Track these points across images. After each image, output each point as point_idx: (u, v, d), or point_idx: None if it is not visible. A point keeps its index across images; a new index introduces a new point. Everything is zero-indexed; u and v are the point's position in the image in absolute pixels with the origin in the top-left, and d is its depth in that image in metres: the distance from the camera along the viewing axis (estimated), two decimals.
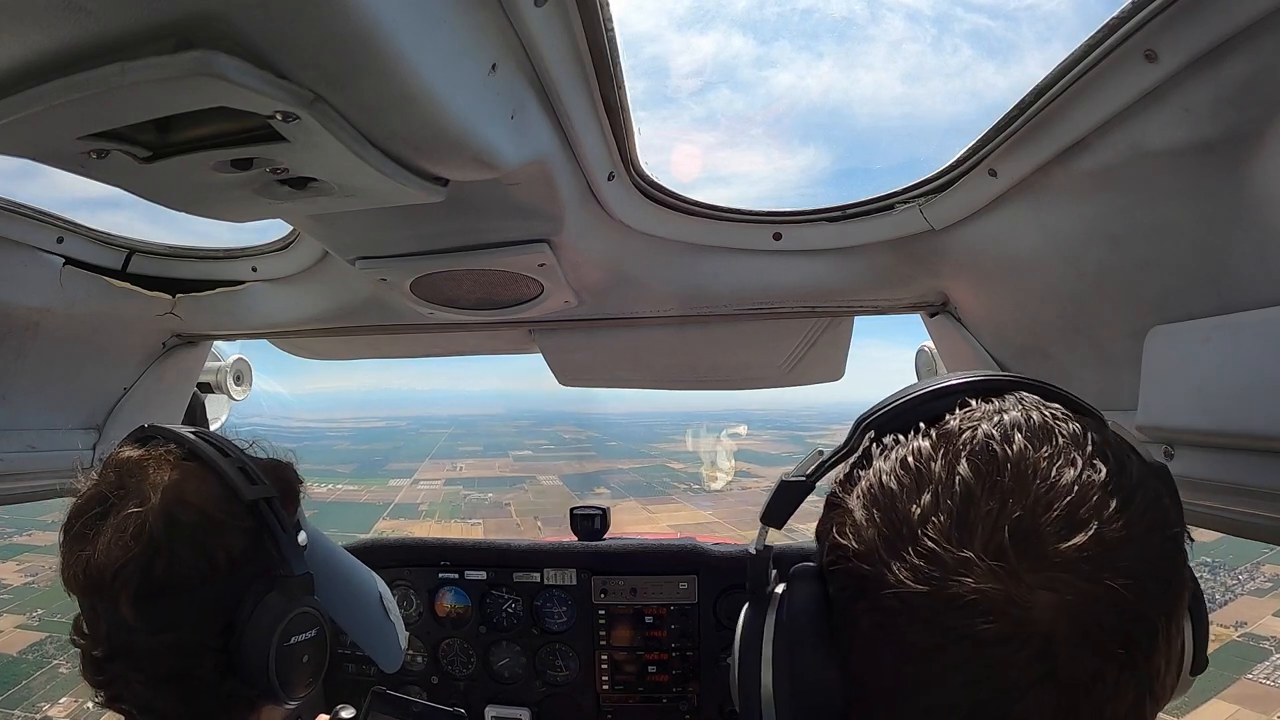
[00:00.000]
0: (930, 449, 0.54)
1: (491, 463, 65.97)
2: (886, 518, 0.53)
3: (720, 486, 46.26)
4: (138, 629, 0.84)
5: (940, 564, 0.49)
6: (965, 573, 0.48)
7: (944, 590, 0.48)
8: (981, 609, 0.47)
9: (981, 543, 0.49)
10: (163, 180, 0.91)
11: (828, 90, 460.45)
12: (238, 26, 0.65)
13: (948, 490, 0.51)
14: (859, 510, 0.55)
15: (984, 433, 0.53)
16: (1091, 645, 0.47)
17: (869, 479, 0.56)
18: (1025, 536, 0.48)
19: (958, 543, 0.49)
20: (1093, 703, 0.48)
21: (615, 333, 1.87)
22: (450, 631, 2.34)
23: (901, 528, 0.51)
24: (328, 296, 1.70)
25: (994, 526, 0.49)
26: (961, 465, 0.51)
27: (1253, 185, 0.84)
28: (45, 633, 21.50)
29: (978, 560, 0.48)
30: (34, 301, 1.53)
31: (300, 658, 0.91)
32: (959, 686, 0.49)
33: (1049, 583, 0.47)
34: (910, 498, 0.52)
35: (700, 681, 2.23)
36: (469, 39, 0.81)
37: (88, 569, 0.84)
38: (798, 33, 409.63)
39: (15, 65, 0.67)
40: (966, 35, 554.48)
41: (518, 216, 1.24)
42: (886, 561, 0.51)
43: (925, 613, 0.49)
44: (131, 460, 0.91)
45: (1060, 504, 0.49)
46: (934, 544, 0.49)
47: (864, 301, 1.61)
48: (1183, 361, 0.98)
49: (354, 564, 1.18)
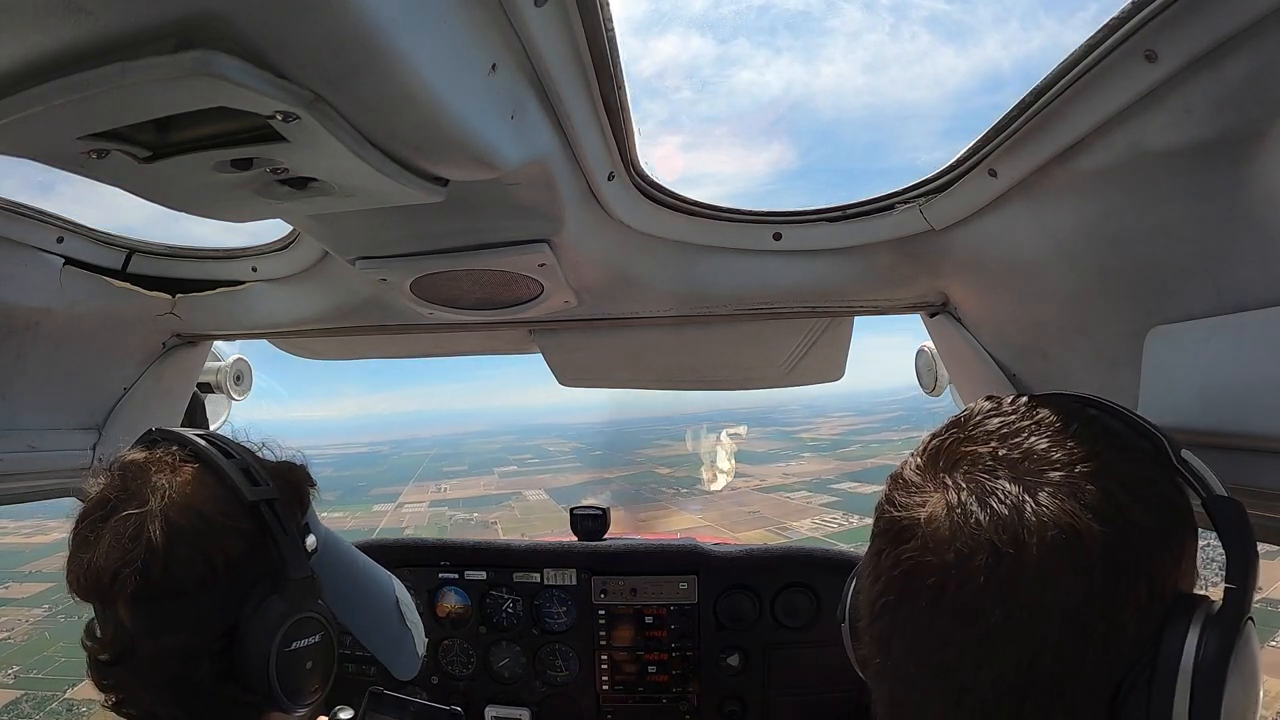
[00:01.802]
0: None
1: (476, 481, 64.92)
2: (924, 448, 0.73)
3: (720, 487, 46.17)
4: (137, 633, 0.83)
5: (910, 467, 0.71)
6: (908, 469, 0.70)
7: (898, 479, 0.70)
8: (908, 489, 0.67)
9: (927, 453, 0.70)
10: (163, 180, 0.91)
11: (789, 85, 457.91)
12: (238, 26, 0.65)
13: (934, 432, 0.73)
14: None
15: (976, 404, 0.73)
16: (955, 542, 0.60)
17: None
18: (949, 447, 0.68)
19: (918, 454, 0.71)
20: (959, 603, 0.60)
21: (615, 333, 1.87)
22: (450, 631, 2.34)
23: (909, 457, 0.73)
24: (328, 296, 1.70)
25: (934, 444, 0.70)
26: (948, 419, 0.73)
27: (1253, 185, 0.84)
28: (20, 690, 20.15)
29: (919, 462, 0.70)
30: (34, 301, 1.53)
31: (303, 664, 0.89)
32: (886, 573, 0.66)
33: (946, 482, 0.64)
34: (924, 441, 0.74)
35: (700, 681, 2.23)
36: (469, 39, 0.81)
37: (88, 572, 0.84)
38: (755, 29, 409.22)
39: (15, 65, 0.67)
40: (924, 21, 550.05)
41: (518, 216, 1.24)
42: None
43: (886, 494, 0.70)
44: (136, 463, 0.91)
45: (980, 431, 0.67)
46: (913, 456, 0.72)
47: (864, 301, 1.61)
48: (1183, 361, 0.98)
49: (370, 568, 1.16)
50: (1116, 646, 0.58)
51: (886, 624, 0.66)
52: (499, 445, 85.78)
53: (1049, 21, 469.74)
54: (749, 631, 2.19)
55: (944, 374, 1.91)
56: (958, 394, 1.87)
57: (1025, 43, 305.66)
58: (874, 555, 0.69)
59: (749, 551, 2.24)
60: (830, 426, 67.49)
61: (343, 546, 1.13)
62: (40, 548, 27.33)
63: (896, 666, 0.66)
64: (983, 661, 0.58)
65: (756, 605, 2.19)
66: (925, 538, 0.62)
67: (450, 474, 68.54)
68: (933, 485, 0.65)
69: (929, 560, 0.61)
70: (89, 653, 0.88)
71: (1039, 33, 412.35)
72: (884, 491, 0.71)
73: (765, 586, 2.20)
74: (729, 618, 2.19)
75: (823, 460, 54.92)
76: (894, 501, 0.67)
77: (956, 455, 0.66)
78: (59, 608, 22.93)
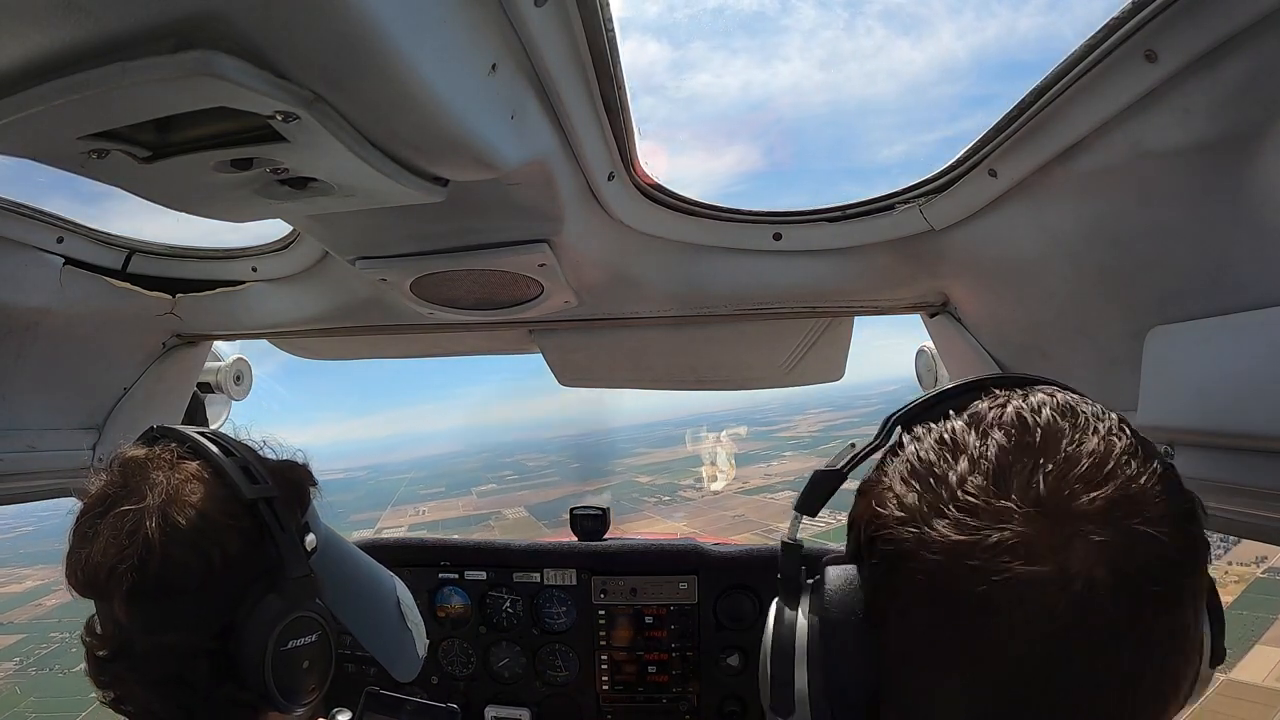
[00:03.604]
0: (964, 426, 0.57)
1: (455, 502, 62.59)
2: (925, 483, 0.55)
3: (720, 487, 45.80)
4: (133, 629, 0.83)
5: (979, 514, 0.51)
6: (1005, 520, 0.50)
7: (985, 540, 0.50)
8: (1022, 553, 0.49)
9: (1019, 494, 0.51)
10: (163, 180, 0.91)
11: (747, 86, 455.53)
12: (238, 26, 0.65)
13: (983, 455, 0.54)
14: (898, 483, 0.57)
15: (1014, 408, 0.56)
16: (1129, 587, 0.49)
17: (905, 458, 0.59)
18: (1057, 488, 0.51)
19: (995, 495, 0.52)
20: (1130, 645, 0.50)
21: (615, 333, 1.87)
22: (450, 631, 2.34)
23: (941, 489, 0.54)
24: (328, 296, 1.70)
25: (1028, 481, 0.52)
26: (995, 434, 0.55)
27: (1253, 185, 0.84)
28: None
29: (1016, 508, 0.51)
30: (34, 301, 1.53)
31: (300, 663, 0.89)
32: (1005, 632, 0.50)
33: (1083, 531, 0.49)
34: (948, 464, 0.55)
35: (700, 682, 2.23)
36: (469, 39, 0.81)
37: (86, 567, 0.84)
38: (711, 32, 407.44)
39: (15, 65, 0.67)
40: (878, 16, 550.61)
41: (518, 216, 1.24)
42: (928, 520, 0.53)
43: (969, 562, 0.50)
44: (136, 460, 0.91)
45: (1087, 461, 0.52)
46: (973, 498, 0.52)
47: (864, 302, 1.61)
48: (1183, 361, 0.98)
49: (372, 568, 1.15)
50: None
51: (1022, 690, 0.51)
52: (477, 464, 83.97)
53: (1002, 10, 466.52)
54: (749, 631, 2.19)
55: (944, 374, 1.91)
56: None
57: (980, 32, 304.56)
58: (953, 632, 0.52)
59: (749, 551, 2.24)
60: (809, 424, 66.38)
61: (345, 547, 1.12)
62: (10, 598, 26.28)
63: None
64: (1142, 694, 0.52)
65: (756, 605, 2.18)
66: (1077, 591, 0.49)
67: (428, 496, 65.90)
68: (1058, 535, 0.50)
69: (1089, 618, 0.49)
70: (88, 648, 0.88)
71: (993, 21, 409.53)
72: (926, 551, 0.53)
73: (765, 586, 2.19)
74: (729, 618, 2.19)
75: (804, 458, 54.04)
76: (998, 566, 0.50)
77: (1061, 493, 0.51)
78: (30, 660, 21.82)
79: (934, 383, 1.95)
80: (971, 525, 0.51)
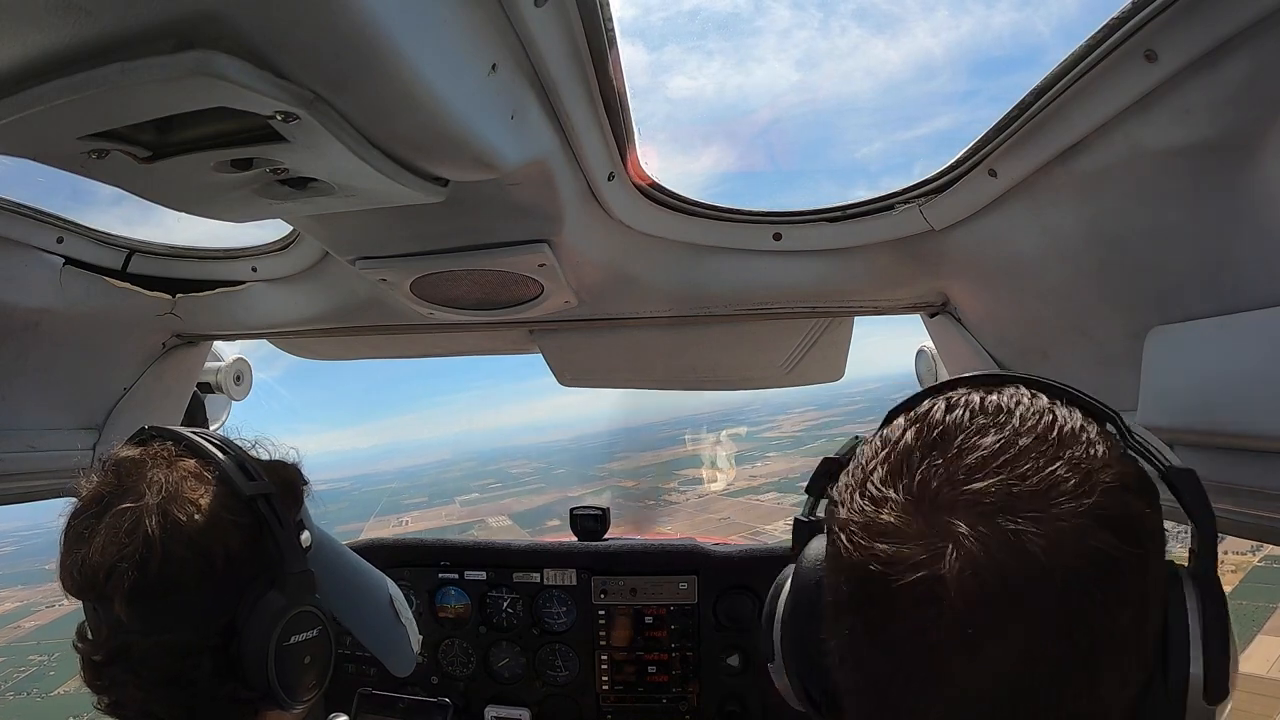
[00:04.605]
0: (904, 424, 0.63)
1: (439, 511, 61.61)
2: (855, 471, 0.63)
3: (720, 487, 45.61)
4: (133, 630, 0.82)
5: (872, 500, 0.58)
6: (887, 507, 0.57)
7: (873, 522, 0.57)
8: (894, 538, 0.56)
9: (904, 485, 0.58)
10: (163, 180, 0.91)
11: (722, 88, 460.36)
12: (237, 26, 0.65)
13: (895, 449, 0.60)
14: (850, 470, 0.65)
15: (940, 405, 0.62)
16: (995, 584, 0.52)
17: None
18: (940, 481, 0.56)
19: (888, 485, 0.59)
20: (995, 644, 0.52)
21: (616, 333, 1.87)
22: (450, 631, 2.34)
23: (859, 476, 0.62)
24: (328, 296, 1.70)
25: (917, 475, 0.57)
26: (910, 431, 0.61)
27: (1253, 186, 0.84)
28: None
29: (899, 497, 0.57)
30: (34, 301, 1.53)
31: (301, 658, 0.89)
32: (883, 613, 0.56)
33: (952, 523, 0.54)
34: (874, 455, 0.62)
35: (700, 682, 2.23)
36: (469, 39, 0.81)
37: (82, 568, 0.83)
38: (685, 34, 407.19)
39: (15, 65, 0.67)
40: (852, 14, 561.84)
41: (518, 216, 1.24)
42: (845, 502, 0.61)
43: (859, 541, 0.57)
44: (130, 459, 0.90)
45: (975, 455, 0.56)
46: (874, 488, 0.59)
47: (864, 302, 1.61)
48: (1183, 361, 0.98)
49: (362, 566, 1.16)
50: (1148, 644, 0.57)
51: (911, 696, 0.56)
52: (460, 472, 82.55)
53: (976, 7, 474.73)
54: (749, 632, 2.19)
55: (944, 374, 1.91)
56: None
57: (955, 29, 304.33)
58: (867, 624, 0.58)
59: (749, 551, 2.24)
60: (792, 423, 65.66)
61: (337, 545, 1.13)
62: None
63: None
64: (1037, 716, 0.54)
65: (756, 605, 2.18)
66: (950, 602, 0.52)
67: (411, 506, 65.43)
68: (933, 532, 0.54)
69: (961, 626, 0.52)
70: (81, 654, 0.86)
71: (967, 18, 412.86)
72: (839, 529, 0.60)
73: (765, 586, 2.18)
74: (729, 618, 2.19)
75: (788, 459, 53.52)
76: (879, 555, 0.55)
77: (955, 496, 0.55)
78: (7, 684, 20.43)
79: (934, 383, 1.95)
80: (863, 508, 0.58)
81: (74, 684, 19.82)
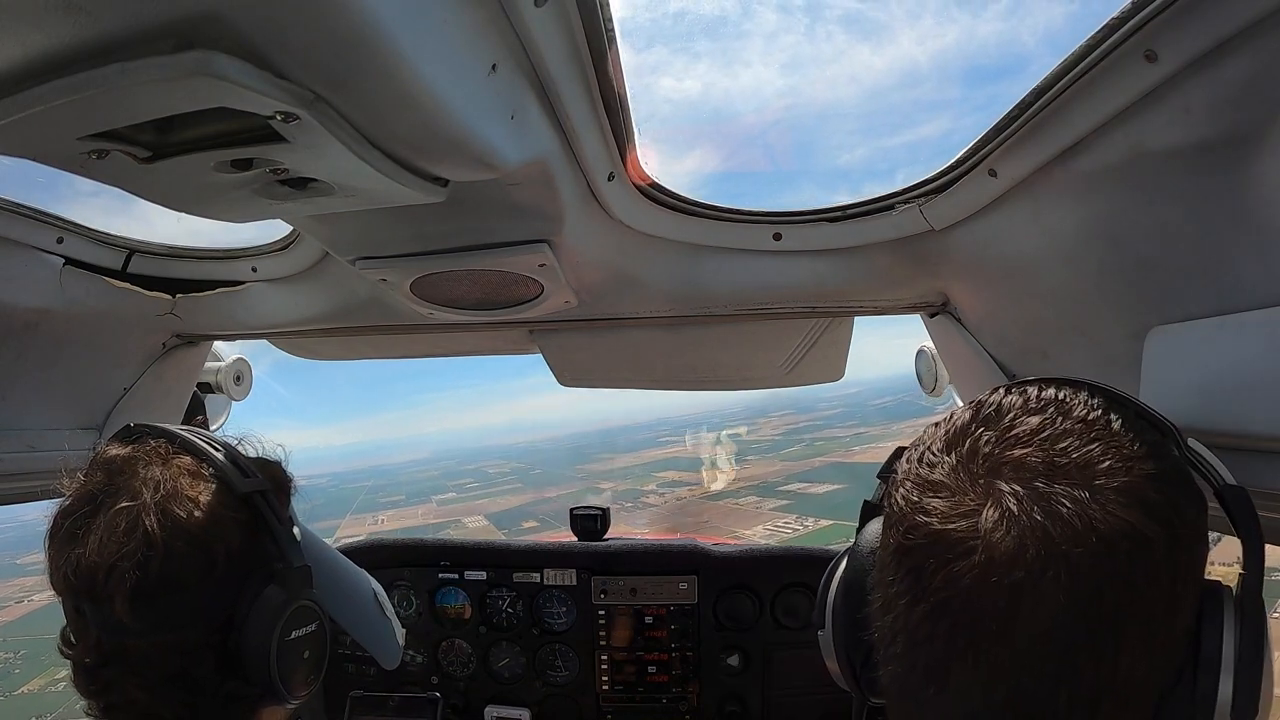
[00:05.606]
0: (966, 407, 0.69)
1: (414, 511, 61.31)
2: (916, 447, 0.69)
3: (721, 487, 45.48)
4: (133, 630, 0.81)
5: (928, 464, 0.65)
6: (939, 469, 0.64)
7: (925, 480, 0.64)
8: (945, 494, 0.61)
9: (957, 451, 0.64)
10: (163, 180, 0.91)
11: (707, 91, 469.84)
12: (237, 27, 0.65)
13: (954, 425, 0.67)
14: (908, 450, 0.71)
15: (997, 394, 0.68)
16: (1024, 551, 0.55)
17: None
18: (987, 449, 0.62)
19: (943, 452, 0.65)
20: (1019, 613, 0.55)
21: (615, 333, 1.87)
22: (450, 631, 2.34)
23: (920, 448, 0.68)
24: (328, 296, 1.70)
25: (968, 443, 0.64)
26: (968, 412, 0.68)
27: (1253, 185, 0.84)
28: None
29: (951, 459, 0.64)
30: (34, 301, 1.53)
31: (301, 653, 0.89)
32: (935, 565, 0.59)
33: (996, 482, 0.59)
34: (934, 433, 0.69)
35: (700, 682, 2.23)
36: (469, 39, 0.81)
37: (78, 569, 0.82)
38: (672, 36, 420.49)
39: (15, 65, 0.67)
40: (838, 20, 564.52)
41: (518, 217, 1.24)
42: (903, 469, 0.68)
43: (911, 498, 0.63)
44: (120, 458, 0.89)
45: (1023, 429, 0.62)
46: (930, 453, 0.66)
47: (864, 302, 1.61)
48: (1183, 361, 0.98)
49: (346, 562, 1.18)
50: (1176, 644, 0.59)
51: (941, 650, 0.59)
52: (438, 472, 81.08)
53: (962, 16, 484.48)
54: (749, 632, 2.19)
55: (944, 374, 1.91)
56: (958, 394, 1.87)
57: (940, 37, 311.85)
58: (909, 571, 0.61)
59: (749, 551, 2.24)
60: (772, 426, 65.05)
61: (319, 540, 1.15)
62: None
63: (962, 695, 0.59)
64: (1062, 680, 0.56)
65: (756, 605, 2.19)
66: (987, 553, 0.56)
67: (387, 505, 63.95)
68: (977, 492, 0.59)
69: (995, 580, 0.55)
70: (71, 659, 0.85)
71: (953, 26, 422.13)
72: (895, 492, 0.65)
73: (765, 586, 2.19)
74: (729, 618, 2.19)
75: (768, 462, 53.01)
76: (926, 508, 0.60)
77: (1000, 459, 0.60)
78: None
79: (934, 383, 1.95)
80: (918, 471, 0.65)
81: (39, 682, 19.98)
